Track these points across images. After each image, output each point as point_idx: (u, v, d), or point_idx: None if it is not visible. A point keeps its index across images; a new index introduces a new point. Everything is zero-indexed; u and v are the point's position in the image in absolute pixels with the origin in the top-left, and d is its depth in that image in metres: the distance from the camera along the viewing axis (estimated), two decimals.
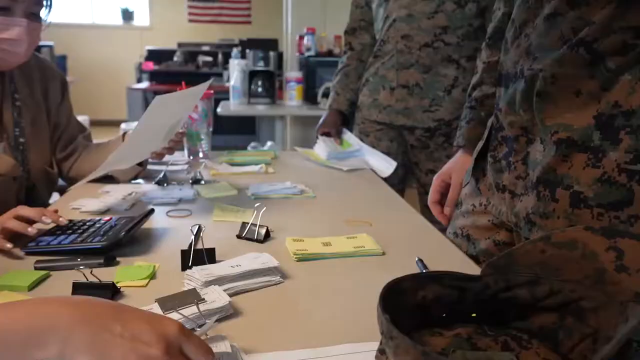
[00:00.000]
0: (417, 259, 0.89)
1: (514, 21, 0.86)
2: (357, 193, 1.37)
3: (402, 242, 1.00)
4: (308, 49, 3.52)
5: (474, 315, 0.59)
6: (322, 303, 0.75)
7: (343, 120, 1.88)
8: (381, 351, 0.52)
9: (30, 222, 0.92)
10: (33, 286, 0.76)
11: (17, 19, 1.07)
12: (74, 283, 0.73)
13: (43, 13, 1.14)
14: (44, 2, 1.13)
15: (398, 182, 1.77)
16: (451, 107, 1.67)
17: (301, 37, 3.58)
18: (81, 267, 0.74)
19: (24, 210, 0.92)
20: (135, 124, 4.37)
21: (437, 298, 0.57)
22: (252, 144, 4.42)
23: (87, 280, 0.73)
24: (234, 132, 4.74)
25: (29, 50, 1.13)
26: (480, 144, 0.99)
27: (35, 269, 0.82)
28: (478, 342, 0.56)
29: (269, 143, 3.28)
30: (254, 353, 0.61)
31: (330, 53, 3.57)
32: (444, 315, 0.59)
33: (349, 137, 1.81)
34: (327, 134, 1.81)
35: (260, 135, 4.54)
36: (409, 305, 0.56)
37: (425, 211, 1.79)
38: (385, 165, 1.66)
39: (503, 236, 0.94)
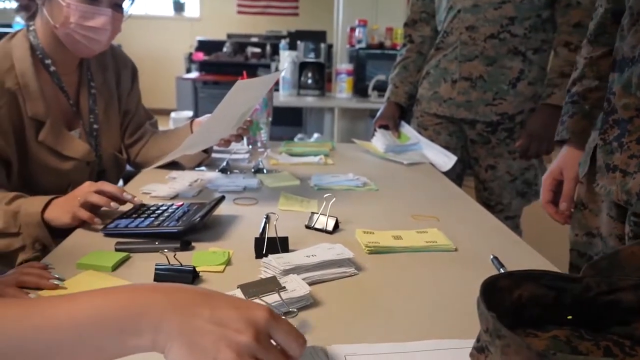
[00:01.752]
0: (492, 256, 0.86)
1: (631, 8, 0.86)
2: (419, 187, 1.35)
3: (472, 239, 0.97)
4: (359, 41, 3.50)
5: (569, 317, 0.57)
6: (401, 297, 0.74)
7: (401, 113, 1.85)
8: (479, 349, 0.51)
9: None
10: (116, 267, 0.79)
11: (103, 8, 1.11)
12: (156, 265, 0.74)
13: (126, 5, 1.17)
14: None
15: (455, 177, 1.73)
16: (516, 100, 1.62)
17: (352, 29, 3.56)
18: (165, 250, 0.75)
19: (106, 186, 0.96)
20: (184, 113, 4.44)
21: (533, 298, 0.55)
22: (299, 135, 4.44)
23: (169, 263, 0.74)
24: (280, 123, 4.77)
25: (110, 39, 1.16)
26: (594, 135, 0.96)
27: (117, 250, 0.84)
28: (578, 345, 0.54)
29: (315, 135, 3.28)
30: (337, 344, 0.61)
31: (381, 45, 3.53)
32: (538, 316, 0.57)
33: (407, 130, 1.79)
34: (384, 127, 1.79)
35: (307, 127, 4.54)
36: (504, 304, 0.54)
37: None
38: (444, 160, 1.63)
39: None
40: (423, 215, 1.09)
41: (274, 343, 0.48)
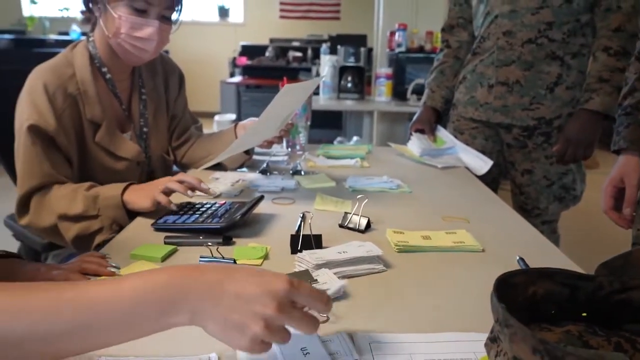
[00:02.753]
0: (518, 257, 0.89)
1: None
2: (452, 190, 1.38)
3: (500, 240, 1.00)
4: (399, 45, 3.52)
5: (584, 314, 0.60)
6: (426, 293, 0.78)
7: (437, 117, 1.88)
8: (492, 339, 0.55)
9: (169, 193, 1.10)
10: (165, 258, 0.87)
11: (150, 20, 1.20)
12: (200, 257, 0.82)
13: (174, 16, 1.26)
14: (175, 7, 1.24)
15: (491, 181, 1.75)
16: (553, 105, 1.62)
17: (392, 33, 3.59)
18: (208, 244, 0.82)
19: (186, 176, 1.09)
20: (227, 115, 4.57)
21: (548, 295, 0.59)
22: (339, 138, 4.50)
23: (212, 255, 0.81)
24: (320, 126, 4.84)
25: (157, 49, 1.25)
26: None
27: (165, 243, 0.92)
28: (590, 340, 0.57)
29: (355, 138, 3.34)
30: (363, 333, 0.66)
31: (421, 49, 3.54)
32: (553, 312, 0.60)
33: (443, 134, 1.81)
34: (420, 131, 1.82)
35: (347, 130, 4.59)
36: (518, 299, 0.58)
37: (519, 211, 1.76)
38: (480, 164, 1.65)
39: None
40: (453, 217, 1.12)
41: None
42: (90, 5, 1.22)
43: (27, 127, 1.12)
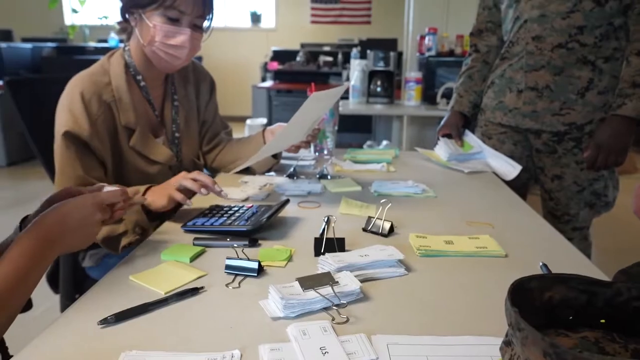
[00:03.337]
0: (541, 263, 0.89)
1: None
2: (478, 195, 1.38)
3: (525, 246, 1.00)
4: (429, 49, 3.51)
5: (602, 321, 0.60)
6: (446, 297, 0.79)
7: (465, 121, 1.87)
8: (507, 343, 0.56)
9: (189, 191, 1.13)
10: (193, 258, 0.90)
11: (183, 28, 1.25)
12: (227, 258, 0.85)
13: (205, 24, 1.31)
14: (207, 16, 1.29)
15: (520, 186, 1.73)
16: (584, 110, 1.60)
17: (422, 37, 3.58)
18: (235, 245, 0.86)
19: (200, 175, 1.12)
20: (258, 119, 4.64)
21: (564, 300, 0.59)
22: (368, 142, 4.51)
23: (238, 257, 0.85)
24: (350, 130, 4.86)
25: (189, 56, 1.30)
26: None
27: (194, 244, 0.96)
28: (606, 346, 0.57)
29: (384, 142, 3.34)
30: (381, 334, 0.68)
31: (451, 53, 3.52)
32: (570, 318, 0.60)
33: (471, 138, 1.81)
34: (448, 136, 1.82)
35: (376, 134, 4.60)
36: (534, 304, 0.59)
37: (549, 217, 1.73)
38: (509, 169, 1.64)
39: None
40: (477, 222, 1.13)
41: None
42: (127, 15, 1.27)
43: (62, 132, 1.18)
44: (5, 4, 7.76)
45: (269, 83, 6.01)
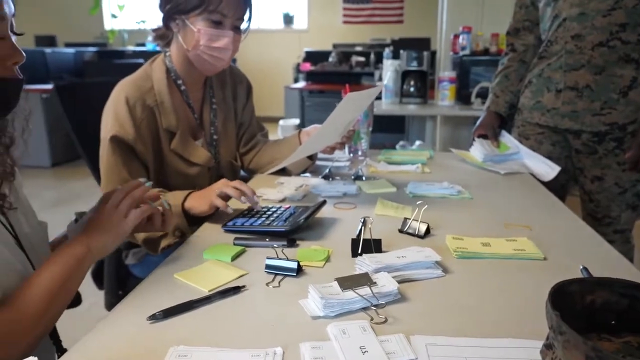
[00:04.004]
0: (581, 267, 0.88)
1: None
2: (515, 197, 1.37)
3: (564, 249, 0.99)
4: (463, 48, 3.47)
5: None
6: (484, 299, 0.79)
7: (501, 122, 1.85)
8: (547, 346, 0.56)
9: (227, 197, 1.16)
10: (234, 258, 0.93)
11: (226, 31, 1.28)
12: (267, 257, 0.87)
13: (243, 26, 1.34)
14: (245, 17, 1.32)
15: (559, 188, 1.70)
16: (627, 110, 1.56)
17: (456, 36, 3.54)
18: (274, 245, 0.88)
19: (242, 185, 1.15)
20: (291, 120, 4.69)
21: (606, 304, 0.59)
22: (401, 142, 4.50)
23: (277, 256, 0.87)
24: (382, 130, 4.85)
25: (230, 58, 1.34)
26: None
27: (235, 244, 0.99)
28: None
29: (417, 142, 3.33)
30: (420, 335, 0.68)
31: (486, 51, 3.47)
32: (613, 322, 0.60)
33: (507, 139, 1.79)
34: (483, 136, 1.80)
35: (409, 134, 4.57)
36: (575, 308, 0.59)
37: (589, 219, 1.70)
38: (547, 170, 1.62)
39: None
40: (515, 224, 1.12)
41: None
42: (169, 22, 1.32)
43: (109, 137, 1.23)
44: (49, 11, 8.08)
45: (301, 84, 6.05)
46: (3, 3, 0.70)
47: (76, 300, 1.16)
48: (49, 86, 4.68)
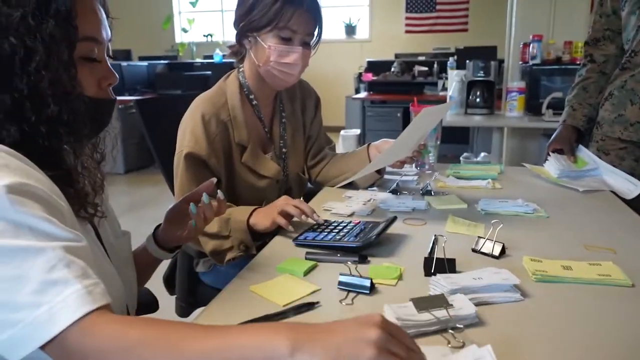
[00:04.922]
0: None
1: None
2: (595, 216, 1.30)
3: None
4: (533, 57, 3.35)
5: None
6: (567, 326, 0.76)
7: (578, 136, 1.77)
8: None
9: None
10: (306, 272, 0.94)
11: (295, 47, 1.31)
12: (340, 274, 0.88)
13: (312, 41, 1.37)
14: (314, 33, 1.35)
15: None
16: None
17: (525, 45, 3.42)
18: (348, 262, 0.88)
19: (302, 204, 1.17)
20: (352, 131, 4.70)
21: None
22: (465, 154, 4.41)
23: (351, 273, 0.87)
24: (447, 141, 4.75)
25: (300, 73, 1.37)
26: None
27: (306, 259, 1.00)
28: None
29: (482, 154, 3.24)
30: None
31: (558, 60, 3.33)
32: None
33: (585, 154, 1.70)
34: (559, 151, 1.73)
35: (474, 146, 4.46)
36: None
37: None
38: (629, 187, 1.52)
39: None
40: (597, 247, 1.06)
41: None
42: (242, 39, 1.36)
43: (185, 154, 1.29)
44: (125, 26, 8.53)
45: (363, 94, 6.06)
46: (102, 29, 0.75)
47: (154, 305, 1.22)
48: (125, 98, 4.95)
